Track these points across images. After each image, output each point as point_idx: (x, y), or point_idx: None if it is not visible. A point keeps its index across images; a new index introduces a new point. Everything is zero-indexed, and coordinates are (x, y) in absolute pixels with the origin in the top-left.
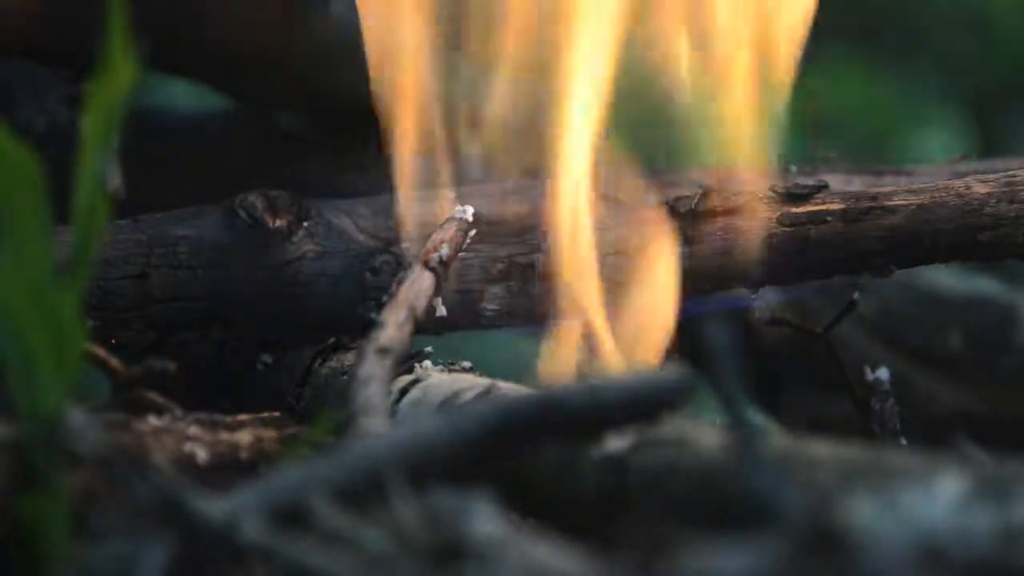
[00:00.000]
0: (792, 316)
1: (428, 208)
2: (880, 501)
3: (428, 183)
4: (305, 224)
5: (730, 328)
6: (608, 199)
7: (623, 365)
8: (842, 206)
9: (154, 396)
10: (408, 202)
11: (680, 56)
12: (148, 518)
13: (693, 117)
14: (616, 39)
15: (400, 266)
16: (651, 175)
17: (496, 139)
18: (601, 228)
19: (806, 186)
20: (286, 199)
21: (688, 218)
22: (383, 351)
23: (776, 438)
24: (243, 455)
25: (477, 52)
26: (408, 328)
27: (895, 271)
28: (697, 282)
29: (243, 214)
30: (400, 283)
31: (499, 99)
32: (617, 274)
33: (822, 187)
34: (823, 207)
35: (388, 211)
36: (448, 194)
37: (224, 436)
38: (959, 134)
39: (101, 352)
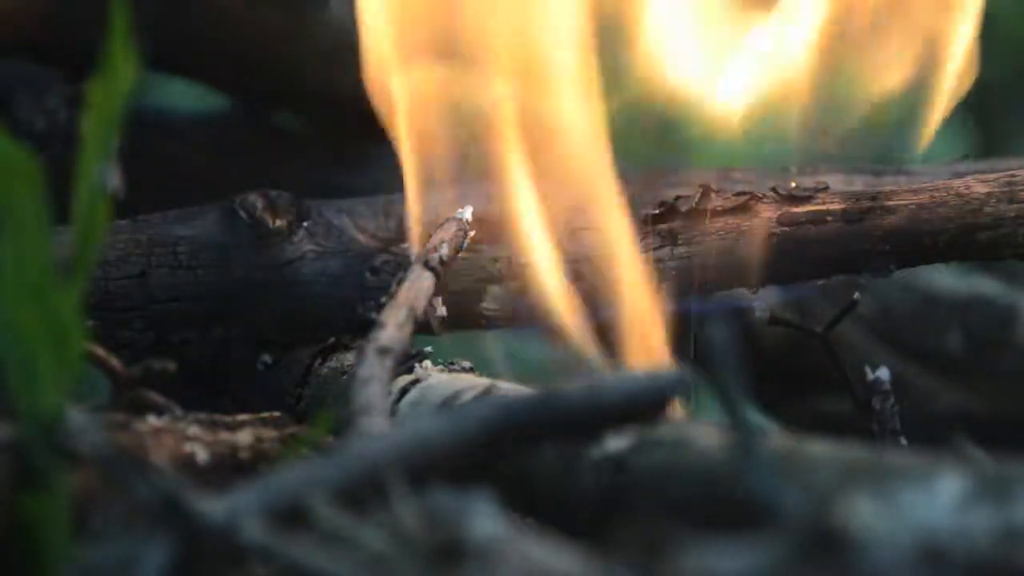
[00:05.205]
0: (792, 316)
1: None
2: (880, 501)
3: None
4: (305, 224)
5: (730, 328)
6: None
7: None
8: (842, 206)
9: (154, 396)
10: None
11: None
12: (148, 518)
13: (694, 116)
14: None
15: (400, 266)
16: (651, 174)
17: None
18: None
19: (806, 187)
20: (286, 199)
21: (688, 218)
22: (383, 351)
23: (776, 438)
24: (243, 455)
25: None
26: (408, 328)
27: (895, 271)
28: (696, 282)
29: (243, 214)
30: (400, 283)
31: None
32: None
33: (822, 188)
34: (823, 207)
35: (388, 211)
36: (448, 193)
37: (224, 436)
38: (959, 134)
39: (101, 352)
